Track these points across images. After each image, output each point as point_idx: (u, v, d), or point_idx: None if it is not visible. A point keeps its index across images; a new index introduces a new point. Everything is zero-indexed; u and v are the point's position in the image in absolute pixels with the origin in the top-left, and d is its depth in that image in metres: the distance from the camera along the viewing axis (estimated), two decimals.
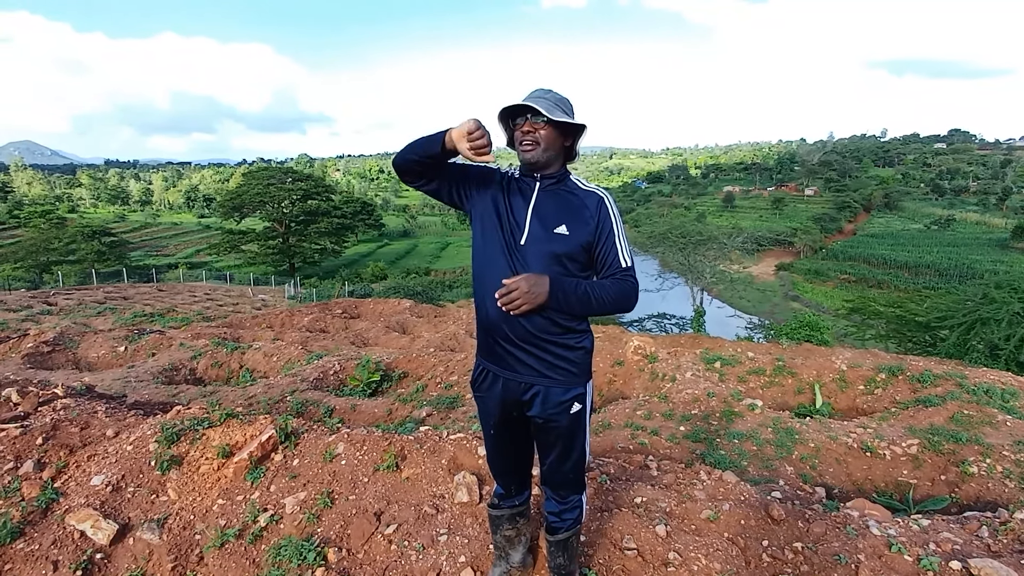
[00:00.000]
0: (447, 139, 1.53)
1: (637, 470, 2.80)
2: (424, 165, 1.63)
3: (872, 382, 5.97)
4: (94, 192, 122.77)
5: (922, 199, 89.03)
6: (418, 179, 1.68)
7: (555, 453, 1.77)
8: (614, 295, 1.61)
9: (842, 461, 4.14)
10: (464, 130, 1.49)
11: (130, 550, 2.37)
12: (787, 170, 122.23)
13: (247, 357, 8.31)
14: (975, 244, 54.71)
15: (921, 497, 3.80)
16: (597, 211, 1.65)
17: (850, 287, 42.01)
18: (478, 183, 1.73)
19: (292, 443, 2.79)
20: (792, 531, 2.21)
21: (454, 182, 1.73)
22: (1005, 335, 7.71)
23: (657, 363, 6.44)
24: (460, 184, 1.73)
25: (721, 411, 5.02)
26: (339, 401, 5.90)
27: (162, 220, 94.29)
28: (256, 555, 2.33)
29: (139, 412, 3.30)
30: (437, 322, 13.75)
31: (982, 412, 4.67)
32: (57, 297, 17.56)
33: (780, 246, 56.29)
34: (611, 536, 2.19)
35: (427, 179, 1.69)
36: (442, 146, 1.54)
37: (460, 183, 1.73)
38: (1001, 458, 3.86)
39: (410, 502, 2.43)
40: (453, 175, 1.72)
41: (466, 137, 1.49)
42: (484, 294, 1.65)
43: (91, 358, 8.57)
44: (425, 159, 1.61)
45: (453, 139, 1.52)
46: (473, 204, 1.73)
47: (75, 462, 2.74)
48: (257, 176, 46.98)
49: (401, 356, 7.76)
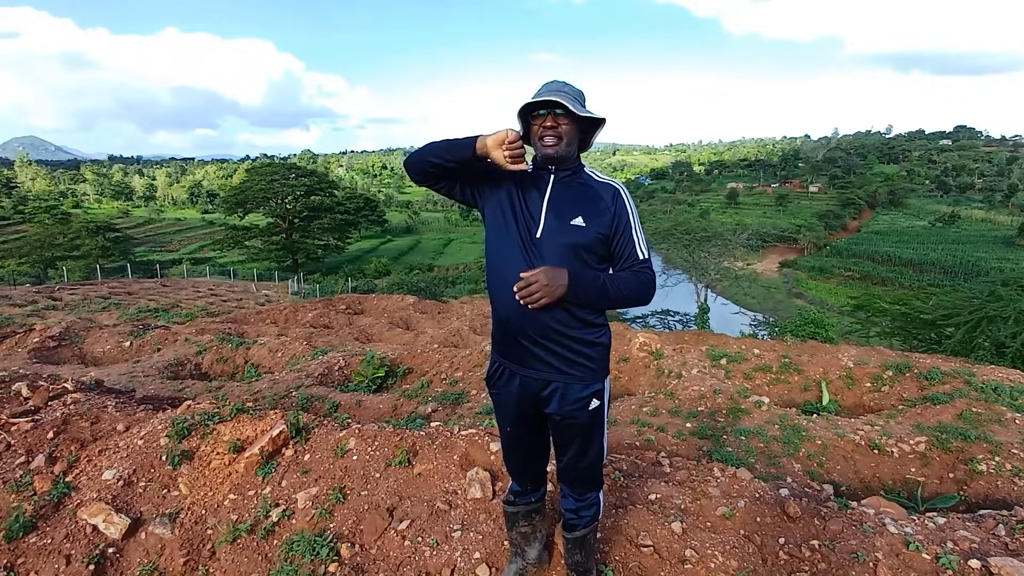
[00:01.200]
0: (479, 145, 1.55)
1: (650, 467, 2.79)
2: (446, 169, 1.64)
3: (879, 379, 5.95)
4: (98, 188, 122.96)
5: (927, 196, 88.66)
6: (435, 181, 1.69)
7: (573, 450, 1.76)
8: (632, 287, 1.60)
9: (850, 459, 4.12)
10: (501, 138, 1.52)
11: (142, 544, 2.37)
12: (791, 167, 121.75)
13: (252, 353, 8.34)
14: (980, 241, 54.47)
15: (929, 495, 3.78)
16: (613, 203, 1.64)
17: (854, 284, 41.86)
18: (491, 179, 1.71)
19: (303, 438, 2.79)
20: (809, 529, 2.20)
21: (468, 181, 1.72)
22: (1012, 333, 7.67)
23: (663, 360, 6.43)
24: (473, 182, 1.73)
25: (727, 408, 5.01)
26: (344, 397, 5.91)
27: (166, 216, 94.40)
28: (268, 550, 2.33)
29: (148, 407, 3.31)
30: (440, 318, 13.76)
31: (990, 410, 4.64)
32: (62, 292, 17.60)
33: (784, 243, 56.12)
34: (627, 533, 2.18)
35: (444, 180, 1.69)
36: (472, 152, 1.56)
37: (473, 181, 1.73)
38: (1010, 456, 3.84)
39: (423, 498, 2.42)
40: (467, 175, 1.72)
41: (505, 145, 1.52)
42: (501, 289, 1.64)
43: (96, 353, 8.60)
44: (450, 163, 1.61)
45: (487, 145, 1.54)
46: (486, 200, 1.72)
47: (86, 456, 2.74)
48: (260, 172, 46.99)
49: (405, 352, 7.77)
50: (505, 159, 1.53)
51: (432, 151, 1.62)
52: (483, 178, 1.72)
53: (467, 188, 1.73)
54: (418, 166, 1.65)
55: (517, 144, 1.53)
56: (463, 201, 1.75)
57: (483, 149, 1.55)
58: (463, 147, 1.57)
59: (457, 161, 1.60)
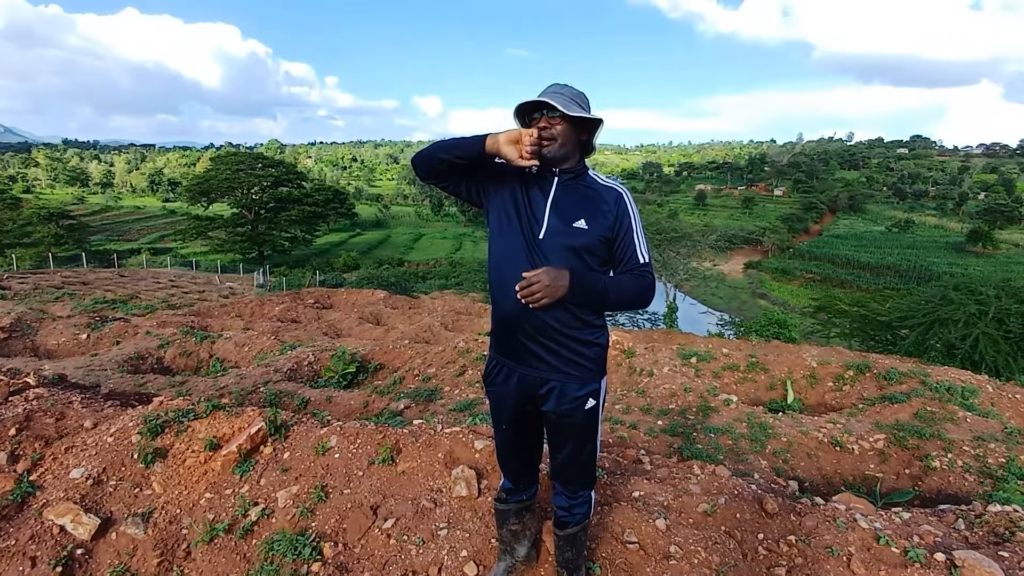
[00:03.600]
0: (489, 142, 1.57)
1: (631, 464, 2.83)
2: (454, 166, 1.65)
3: (841, 379, 6.16)
4: (51, 173, 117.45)
5: (884, 202, 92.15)
6: (442, 178, 1.70)
7: (568, 448, 1.78)
8: (632, 290, 1.63)
9: (813, 455, 4.26)
10: (514, 136, 1.55)
11: (113, 545, 2.29)
12: (758, 170, 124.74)
13: (217, 347, 8.11)
14: (933, 247, 56.92)
15: (888, 490, 3.94)
16: (616, 206, 1.66)
17: (815, 286, 43.22)
18: (496, 179, 1.73)
19: (282, 436, 2.73)
20: (785, 524, 2.28)
21: (474, 180, 1.74)
22: (961, 335, 8.04)
23: (635, 358, 6.53)
24: (479, 182, 1.74)
25: (698, 406, 5.11)
26: (314, 393, 5.81)
27: (124, 204, 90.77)
28: (247, 550, 2.28)
29: (117, 403, 3.19)
30: (412, 314, 13.65)
31: (944, 409, 4.86)
32: (11, 281, 16.79)
33: (750, 245, 57.60)
34: (612, 530, 2.21)
35: (451, 178, 1.71)
36: (482, 148, 1.58)
37: (479, 181, 1.74)
38: (962, 453, 4.03)
39: (407, 496, 2.41)
40: (474, 173, 1.73)
41: (519, 142, 1.55)
42: (503, 287, 1.65)
43: (50, 346, 8.24)
44: (459, 159, 1.63)
45: (499, 142, 1.57)
46: (491, 200, 1.74)
47: (51, 454, 2.63)
48: (226, 161, 45.71)
49: (377, 348, 7.69)
50: (516, 156, 1.56)
51: (441, 148, 1.63)
52: (489, 178, 1.73)
53: (473, 187, 1.74)
54: (427, 163, 1.66)
55: (535, 139, 1.56)
56: (468, 200, 1.77)
57: (493, 146, 1.57)
58: (472, 144, 1.59)
59: (465, 158, 1.62)
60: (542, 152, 1.62)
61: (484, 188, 1.74)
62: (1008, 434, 4.41)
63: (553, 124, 1.61)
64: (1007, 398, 5.45)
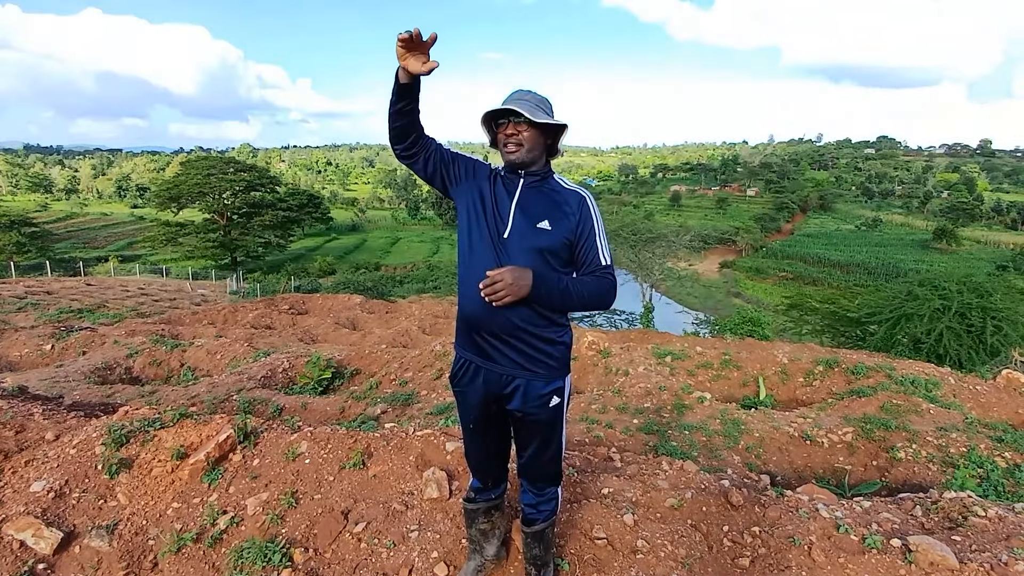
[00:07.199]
0: (399, 73, 1.53)
1: (602, 462, 2.87)
2: (403, 114, 1.63)
3: (811, 374, 6.31)
4: (12, 179, 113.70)
5: (853, 201, 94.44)
6: (408, 145, 1.68)
7: (534, 446, 1.81)
8: (594, 292, 1.67)
9: (784, 450, 4.36)
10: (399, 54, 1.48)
11: (76, 559, 2.24)
12: (731, 171, 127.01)
13: (188, 355, 7.96)
14: (900, 245, 58.47)
15: (856, 481, 4.05)
16: (579, 209, 1.71)
17: (788, 284, 44.03)
18: (466, 173, 1.77)
19: (251, 443, 2.70)
20: (750, 516, 2.33)
21: (441, 164, 1.76)
22: (926, 329, 8.31)
23: (610, 358, 6.59)
24: (447, 168, 1.76)
25: (672, 404, 5.18)
26: (289, 399, 5.74)
27: (90, 210, 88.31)
28: (216, 559, 2.25)
29: (80, 414, 3.12)
30: (389, 318, 13.57)
31: (909, 401, 5.01)
32: None
33: (724, 244, 58.48)
34: (581, 527, 2.24)
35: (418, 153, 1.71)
36: (399, 82, 1.54)
37: (447, 167, 1.76)
38: (926, 443, 4.16)
39: (378, 500, 2.40)
40: (442, 157, 1.75)
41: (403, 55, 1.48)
42: (468, 284, 1.68)
43: (12, 357, 8.00)
44: (399, 104, 1.60)
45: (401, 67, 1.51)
46: (459, 193, 1.76)
47: (11, 468, 2.57)
48: (196, 165, 44.83)
49: (353, 353, 7.62)
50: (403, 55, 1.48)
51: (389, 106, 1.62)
52: (459, 169, 1.77)
53: (439, 171, 1.75)
54: (390, 129, 1.66)
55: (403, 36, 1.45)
56: (440, 188, 1.79)
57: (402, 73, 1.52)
58: (394, 82, 1.56)
59: (400, 96, 1.58)
60: (510, 158, 1.67)
61: (453, 178, 1.77)
62: (968, 424, 4.57)
63: (520, 130, 1.65)
64: (968, 390, 5.64)
